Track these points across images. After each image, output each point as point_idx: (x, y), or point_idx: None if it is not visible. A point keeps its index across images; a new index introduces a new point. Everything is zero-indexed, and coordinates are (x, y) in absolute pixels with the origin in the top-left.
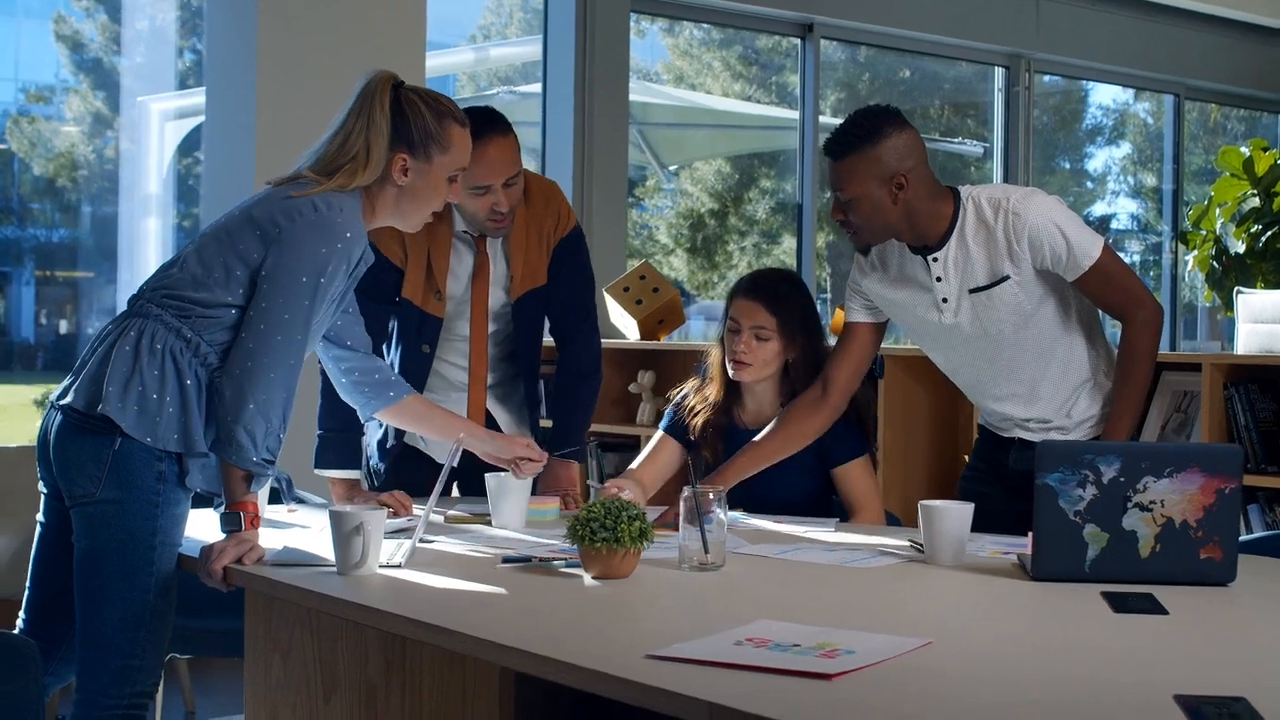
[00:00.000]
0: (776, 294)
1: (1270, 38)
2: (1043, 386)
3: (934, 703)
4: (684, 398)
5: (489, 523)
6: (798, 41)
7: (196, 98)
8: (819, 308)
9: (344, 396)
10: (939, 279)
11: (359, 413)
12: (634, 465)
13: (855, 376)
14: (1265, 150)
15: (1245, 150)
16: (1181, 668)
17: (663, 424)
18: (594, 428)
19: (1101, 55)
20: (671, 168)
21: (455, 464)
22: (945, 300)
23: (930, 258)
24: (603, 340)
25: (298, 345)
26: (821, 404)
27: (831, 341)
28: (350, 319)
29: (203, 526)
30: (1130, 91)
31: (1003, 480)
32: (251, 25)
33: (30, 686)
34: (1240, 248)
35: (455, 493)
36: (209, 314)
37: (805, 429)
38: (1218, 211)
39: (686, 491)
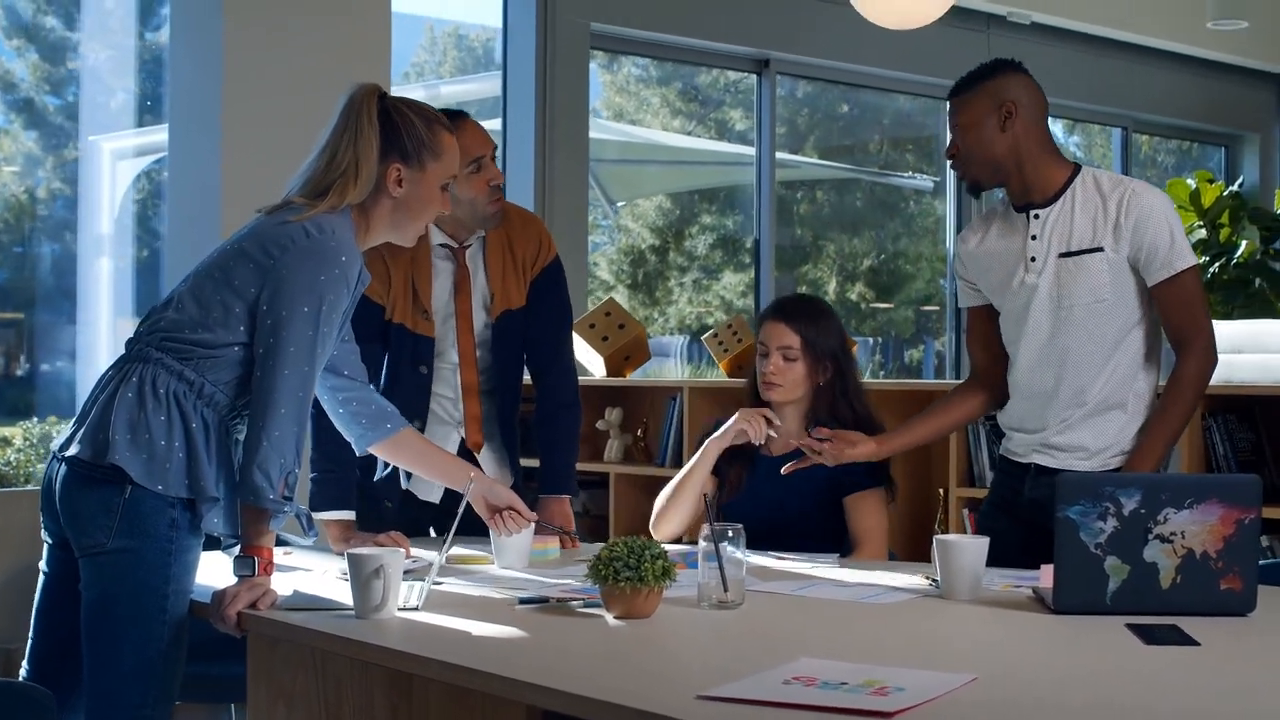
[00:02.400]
0: (802, 315)
1: (1216, 72)
2: (1088, 388)
3: None
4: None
5: (490, 563)
6: (737, 76)
7: (149, 136)
8: None
9: (340, 428)
10: (1034, 237)
11: (355, 445)
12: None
13: (991, 354)
14: (1211, 183)
15: (1191, 183)
16: (1224, 699)
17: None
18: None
19: (1052, 89)
20: (620, 204)
21: (464, 503)
22: (1034, 259)
23: (1032, 214)
24: None
25: (306, 377)
26: (976, 386)
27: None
28: (347, 348)
29: (211, 571)
30: (1059, 125)
31: (1015, 512)
32: (217, 60)
33: None
34: None
35: (432, 532)
36: (212, 354)
37: (967, 409)
38: None
39: (705, 529)
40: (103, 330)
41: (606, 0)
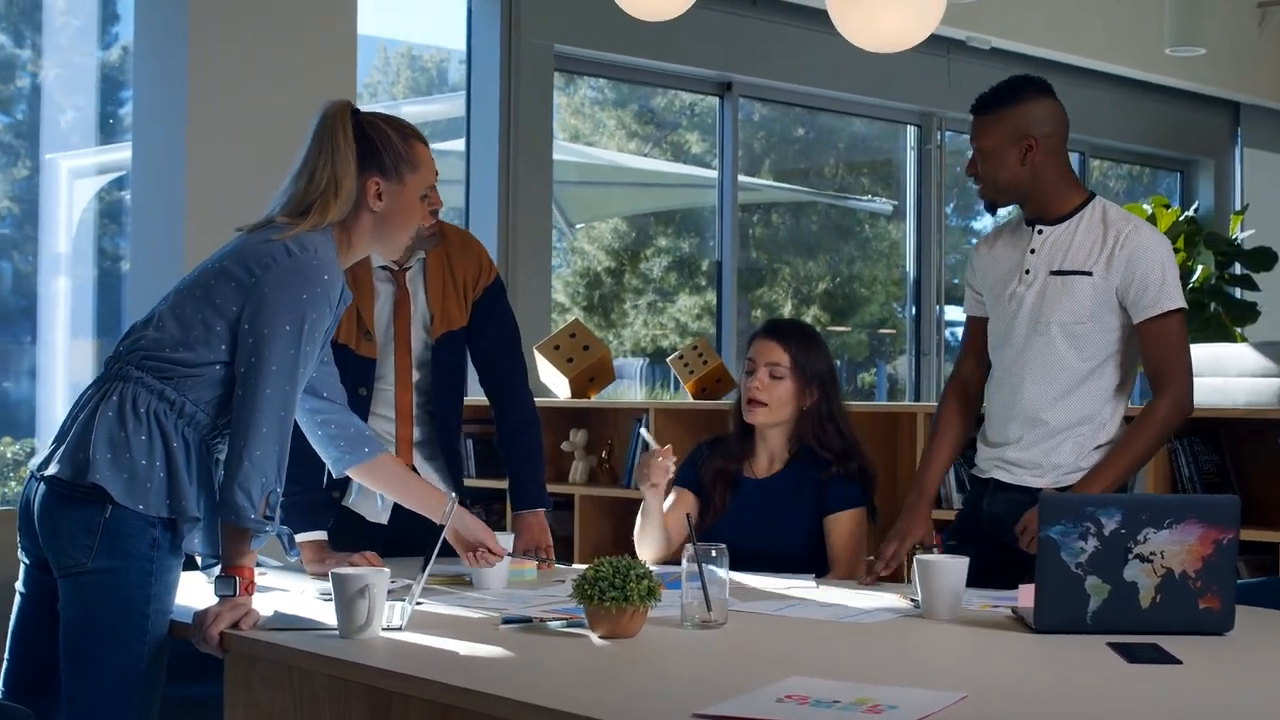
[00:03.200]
0: (792, 336)
1: (1173, 98)
2: (1047, 409)
3: None
4: (696, 453)
5: (468, 583)
6: (692, 99)
7: (106, 155)
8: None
9: (318, 449)
10: (1033, 250)
11: (332, 468)
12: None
13: (979, 367)
14: (1167, 208)
15: (1148, 207)
16: (1209, 716)
17: (678, 480)
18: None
19: None
20: (578, 225)
21: (446, 524)
22: (1028, 272)
23: (1038, 229)
24: (535, 399)
25: (287, 396)
26: (963, 398)
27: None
28: (326, 370)
29: (192, 591)
30: None
31: (978, 528)
32: (182, 79)
33: None
34: None
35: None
36: (193, 373)
37: (960, 423)
38: None
39: (689, 549)
40: (59, 349)
41: (570, 22)
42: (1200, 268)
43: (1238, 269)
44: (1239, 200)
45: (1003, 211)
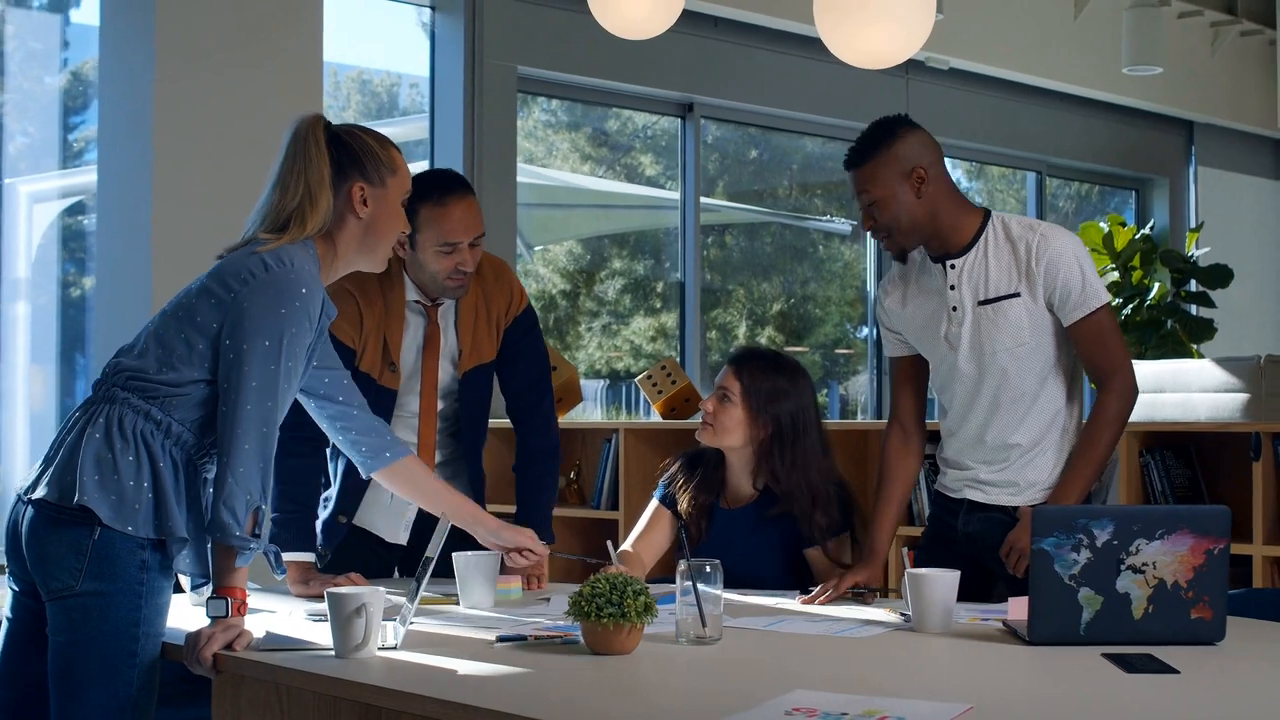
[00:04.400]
0: (749, 364)
1: (1129, 117)
2: (1015, 428)
3: None
4: (673, 474)
5: (456, 602)
6: (646, 121)
7: (67, 179)
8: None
9: (346, 453)
10: (952, 287)
11: (361, 472)
12: (629, 540)
13: (918, 402)
14: (1123, 226)
15: (1104, 226)
16: None
17: (657, 494)
18: (495, 508)
19: (969, 134)
20: (536, 248)
21: (440, 543)
22: (955, 309)
23: (949, 264)
24: (498, 421)
25: (269, 412)
26: (905, 443)
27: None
28: (337, 374)
29: (183, 613)
30: (959, 170)
31: (952, 547)
32: (147, 105)
33: None
34: None
35: (397, 573)
36: (177, 392)
37: (909, 471)
38: None
39: (682, 565)
40: (20, 375)
41: (533, 45)
42: (1157, 285)
43: (1194, 286)
44: (1194, 218)
45: None
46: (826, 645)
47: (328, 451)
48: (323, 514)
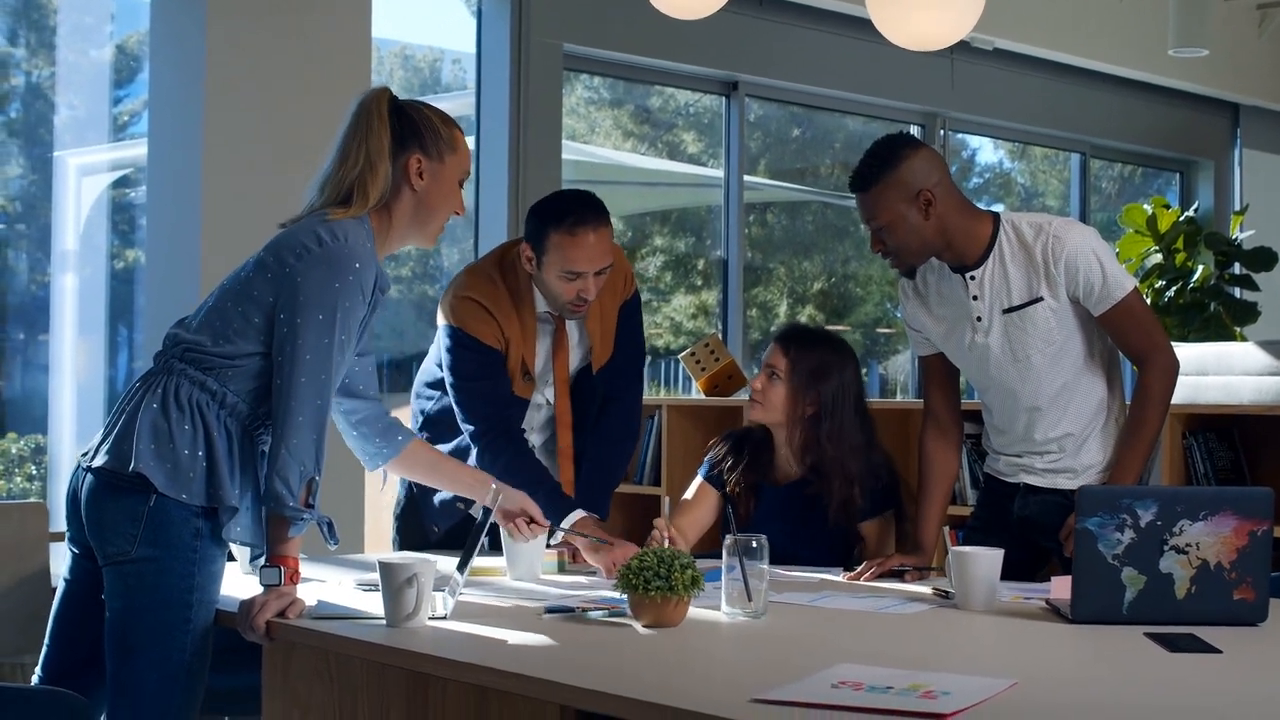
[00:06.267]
0: (796, 341)
1: (1175, 99)
2: (1062, 420)
3: None
4: (719, 454)
5: (503, 574)
6: (689, 99)
7: (116, 152)
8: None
9: (354, 449)
10: (975, 297)
11: (367, 465)
12: (673, 517)
13: (951, 396)
14: (1167, 208)
15: (1148, 208)
16: (1252, 703)
17: (702, 472)
18: None
19: (1013, 114)
20: None
21: (490, 516)
22: (979, 319)
23: (968, 276)
24: None
25: (323, 385)
26: (943, 438)
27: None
28: (365, 363)
29: (238, 581)
30: (1002, 150)
31: (1006, 529)
32: (198, 77)
33: None
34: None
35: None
36: (233, 364)
37: (950, 468)
38: None
39: (729, 540)
40: (68, 346)
41: (579, 22)
42: (1200, 268)
43: (1238, 269)
44: (1238, 201)
45: None
46: (870, 621)
47: (460, 440)
48: (442, 496)
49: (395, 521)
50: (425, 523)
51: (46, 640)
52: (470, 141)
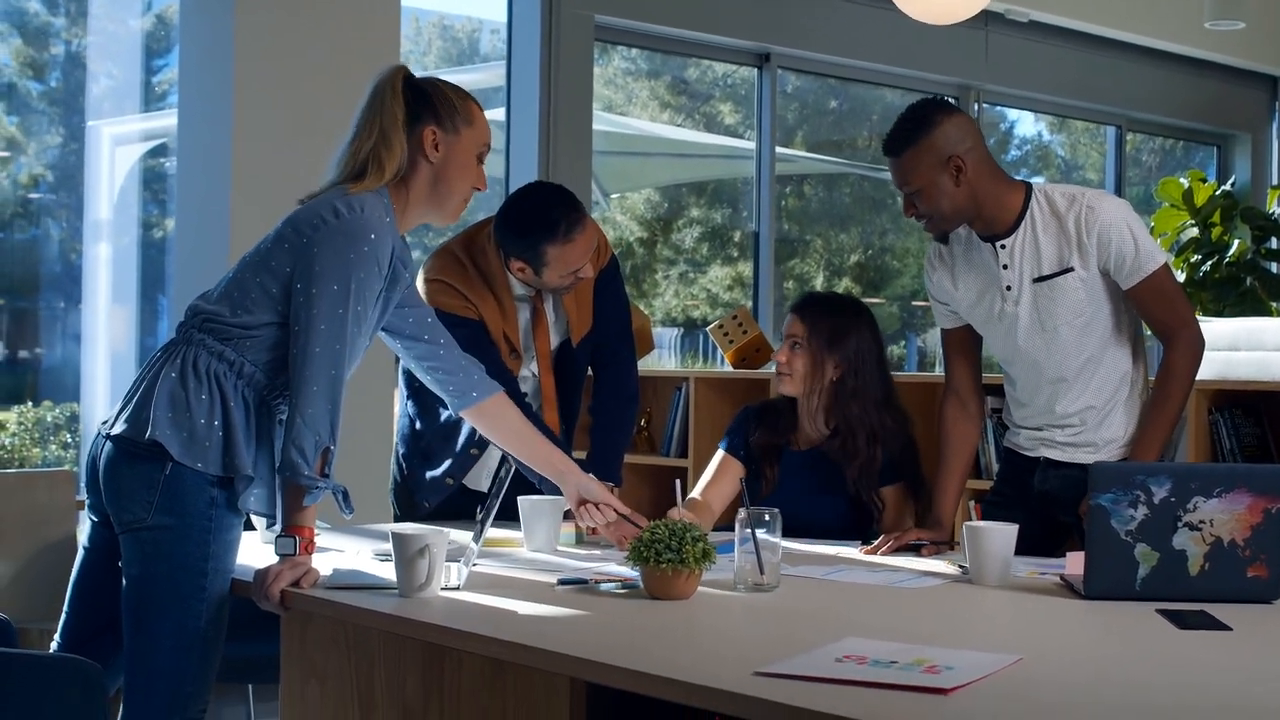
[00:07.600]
0: (813, 309)
1: (1211, 72)
2: (1085, 393)
3: (1048, 715)
4: (741, 423)
5: (519, 545)
6: (725, 70)
7: (149, 122)
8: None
9: (435, 391)
10: (1005, 266)
11: (451, 408)
12: (698, 489)
13: (972, 371)
14: (1204, 182)
15: (1184, 181)
16: (1261, 681)
17: (723, 445)
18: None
19: (1049, 87)
20: (614, 195)
21: (504, 489)
22: (1009, 288)
23: (999, 245)
24: None
25: (338, 355)
26: (963, 411)
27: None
28: (421, 312)
29: (253, 550)
30: (1042, 123)
31: (1026, 503)
32: (228, 49)
33: (98, 711)
34: (1180, 277)
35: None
36: (251, 334)
37: (970, 441)
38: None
39: (742, 513)
40: (101, 315)
41: None
42: (1236, 242)
43: (1274, 243)
44: (1276, 175)
45: None
46: (883, 595)
47: (448, 415)
48: (431, 472)
49: (391, 497)
50: (415, 497)
51: (65, 607)
52: (500, 112)
